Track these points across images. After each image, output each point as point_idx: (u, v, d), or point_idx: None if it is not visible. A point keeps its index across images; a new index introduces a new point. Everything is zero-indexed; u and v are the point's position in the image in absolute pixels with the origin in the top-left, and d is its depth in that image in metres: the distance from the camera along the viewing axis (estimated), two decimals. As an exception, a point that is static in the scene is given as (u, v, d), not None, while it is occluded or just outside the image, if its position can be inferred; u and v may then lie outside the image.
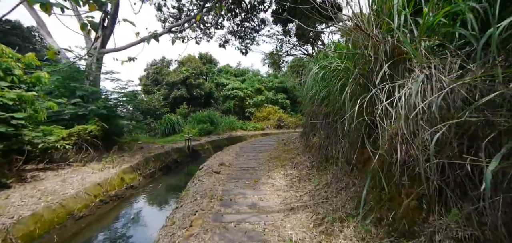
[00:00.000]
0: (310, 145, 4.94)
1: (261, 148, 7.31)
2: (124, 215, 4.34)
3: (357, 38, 2.27)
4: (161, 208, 4.83)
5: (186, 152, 9.43)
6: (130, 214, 4.41)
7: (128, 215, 4.37)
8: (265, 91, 19.47)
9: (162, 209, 4.72)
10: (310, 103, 5.11)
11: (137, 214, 4.47)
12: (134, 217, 4.32)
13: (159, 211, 4.69)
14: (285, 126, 16.52)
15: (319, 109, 4.21)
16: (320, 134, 4.18)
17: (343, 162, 2.82)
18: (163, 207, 4.85)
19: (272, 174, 4.35)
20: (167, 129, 12.31)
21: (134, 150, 7.40)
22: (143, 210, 4.63)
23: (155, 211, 4.73)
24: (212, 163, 5.59)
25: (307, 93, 5.02)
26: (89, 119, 6.21)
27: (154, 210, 4.75)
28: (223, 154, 6.71)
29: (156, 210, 4.77)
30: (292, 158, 5.20)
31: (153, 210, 4.76)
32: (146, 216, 4.42)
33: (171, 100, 16.32)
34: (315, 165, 3.92)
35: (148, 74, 17.23)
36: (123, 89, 7.92)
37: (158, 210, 4.77)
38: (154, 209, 4.79)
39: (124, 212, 4.42)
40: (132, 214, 4.43)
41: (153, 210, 4.75)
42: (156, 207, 4.87)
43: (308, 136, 5.26)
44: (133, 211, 4.55)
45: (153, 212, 4.69)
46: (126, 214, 4.37)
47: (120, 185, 5.29)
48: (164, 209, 4.72)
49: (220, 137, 12.10)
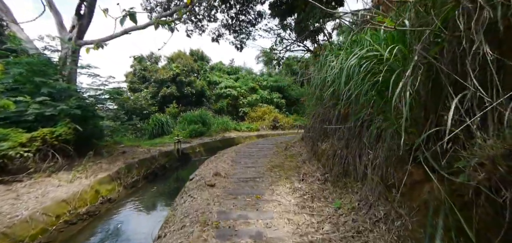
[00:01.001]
0: (318, 152, 4.30)
1: (259, 153, 6.61)
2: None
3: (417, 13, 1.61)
4: (142, 227, 4.03)
5: (175, 155, 8.59)
6: (102, 239, 3.59)
7: (99, 241, 3.55)
8: (259, 90, 18.80)
9: (144, 230, 3.93)
10: (319, 103, 4.48)
11: (111, 236, 3.65)
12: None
13: (139, 234, 3.89)
14: (280, 126, 15.92)
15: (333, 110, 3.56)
16: (334, 140, 3.53)
17: (377, 181, 2.18)
18: (145, 225, 4.05)
19: (276, 188, 3.67)
20: (155, 130, 11.37)
21: (115, 155, 6.50)
22: (121, 232, 3.81)
23: (134, 232, 3.91)
24: (205, 172, 4.84)
25: (316, 91, 4.38)
26: (59, 120, 5.28)
27: (132, 231, 3.93)
28: (217, 160, 5.96)
29: (135, 231, 3.95)
30: (298, 167, 4.54)
31: (131, 230, 3.94)
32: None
33: (160, 99, 15.30)
34: (330, 179, 3.28)
35: (135, 71, 16.10)
36: (102, 86, 6.98)
37: (138, 231, 3.97)
38: (131, 229, 3.97)
39: (94, 237, 3.59)
40: (104, 238, 3.60)
41: (131, 231, 3.93)
42: (135, 226, 4.06)
43: (315, 142, 4.62)
44: (107, 234, 3.72)
45: (132, 233, 3.87)
46: (96, 240, 3.55)
47: (94, 199, 4.44)
48: (146, 229, 3.92)
49: (213, 138, 11.31)
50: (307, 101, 6.08)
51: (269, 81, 19.71)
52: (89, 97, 6.71)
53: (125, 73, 16.07)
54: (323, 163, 3.90)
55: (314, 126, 4.64)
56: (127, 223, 4.12)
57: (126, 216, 4.33)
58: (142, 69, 15.99)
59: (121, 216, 4.28)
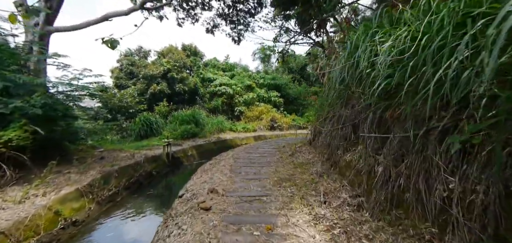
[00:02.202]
0: (340, 164, 3.45)
1: (261, 159, 5.72)
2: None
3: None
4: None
5: (164, 160, 7.58)
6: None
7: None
8: (256, 88, 17.89)
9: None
10: (340, 102, 3.62)
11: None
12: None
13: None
14: (278, 127, 15.08)
15: (365, 111, 2.71)
16: (368, 150, 2.68)
17: (477, 230, 1.33)
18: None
19: (291, 213, 2.79)
20: (143, 131, 10.27)
21: (90, 163, 5.45)
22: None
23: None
24: (198, 187, 3.91)
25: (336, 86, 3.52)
26: (12, 121, 4.20)
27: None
28: (212, 169, 5.02)
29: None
30: (313, 181, 3.68)
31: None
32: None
33: (149, 96, 14.13)
34: (367, 205, 2.42)
35: (122, 66, 14.83)
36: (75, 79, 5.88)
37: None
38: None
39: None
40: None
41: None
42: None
43: (334, 150, 3.77)
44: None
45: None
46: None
47: (51, 224, 3.43)
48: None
49: (207, 140, 10.33)
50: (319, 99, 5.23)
51: (266, 79, 18.83)
52: (59, 94, 5.61)
53: (110, 68, 14.78)
54: (350, 180, 3.05)
55: (333, 130, 3.78)
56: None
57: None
58: (130, 64, 14.75)
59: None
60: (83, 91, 5.99)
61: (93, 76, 6.27)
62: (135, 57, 15.76)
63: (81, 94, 6.01)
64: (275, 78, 18.91)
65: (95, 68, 39.60)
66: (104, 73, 20.28)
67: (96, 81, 6.33)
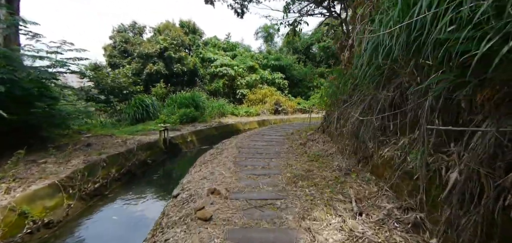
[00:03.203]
0: (375, 162, 2.72)
1: (269, 149, 5.02)
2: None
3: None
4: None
5: (161, 147, 6.91)
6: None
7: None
8: (259, 69, 16.86)
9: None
10: (371, 82, 2.82)
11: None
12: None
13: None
14: (283, 111, 14.29)
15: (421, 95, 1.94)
16: (427, 148, 1.93)
17: None
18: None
19: (316, 228, 2.11)
20: (138, 114, 9.53)
21: (72, 151, 4.77)
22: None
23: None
24: (196, 186, 3.22)
25: (373, 60, 2.71)
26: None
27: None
28: (213, 161, 4.33)
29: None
30: (339, 181, 2.97)
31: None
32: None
33: (145, 77, 13.23)
34: (440, 230, 1.70)
35: (115, 43, 13.76)
36: (54, 53, 5.04)
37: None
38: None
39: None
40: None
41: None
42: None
43: (363, 142, 3.02)
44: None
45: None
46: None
47: (13, 229, 2.78)
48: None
49: (207, 125, 9.61)
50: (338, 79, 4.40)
51: (270, 59, 17.71)
52: (33, 69, 4.79)
53: (103, 45, 13.72)
54: (394, 184, 2.32)
55: (363, 117, 3.00)
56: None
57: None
58: (123, 41, 13.67)
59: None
60: (63, 68, 5.16)
61: (74, 50, 5.40)
62: (129, 34, 14.62)
63: (61, 71, 5.19)
64: (279, 59, 17.78)
65: (87, 46, 37.35)
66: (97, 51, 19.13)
67: (79, 57, 5.47)
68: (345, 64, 4.75)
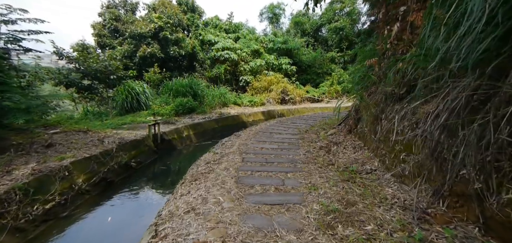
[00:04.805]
0: (489, 212, 1.48)
1: (282, 155, 3.83)
2: None
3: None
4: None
5: (150, 145, 5.76)
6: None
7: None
8: (264, 53, 15.34)
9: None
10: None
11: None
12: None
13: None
14: (290, 100, 12.97)
15: None
16: None
17: None
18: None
19: None
20: (127, 103, 8.33)
21: (21, 155, 3.62)
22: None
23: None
24: (178, 224, 2.05)
25: None
26: None
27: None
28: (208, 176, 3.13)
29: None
30: (412, 233, 1.75)
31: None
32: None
33: (138, 60, 11.87)
34: None
35: (105, 21, 12.28)
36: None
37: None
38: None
39: None
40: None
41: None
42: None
43: (455, 168, 1.79)
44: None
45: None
46: None
47: None
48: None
49: (207, 117, 8.40)
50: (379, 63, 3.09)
51: (276, 42, 16.10)
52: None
53: (91, 24, 12.24)
54: None
55: (451, 126, 1.74)
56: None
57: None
58: (113, 18, 12.17)
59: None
60: (12, 43, 3.90)
61: (29, 21, 4.10)
62: (120, 11, 13.07)
63: (8, 48, 3.93)
64: (286, 41, 16.15)
65: (74, 24, 34.16)
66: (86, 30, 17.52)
67: (34, 30, 4.17)
68: (391, 42, 3.43)
